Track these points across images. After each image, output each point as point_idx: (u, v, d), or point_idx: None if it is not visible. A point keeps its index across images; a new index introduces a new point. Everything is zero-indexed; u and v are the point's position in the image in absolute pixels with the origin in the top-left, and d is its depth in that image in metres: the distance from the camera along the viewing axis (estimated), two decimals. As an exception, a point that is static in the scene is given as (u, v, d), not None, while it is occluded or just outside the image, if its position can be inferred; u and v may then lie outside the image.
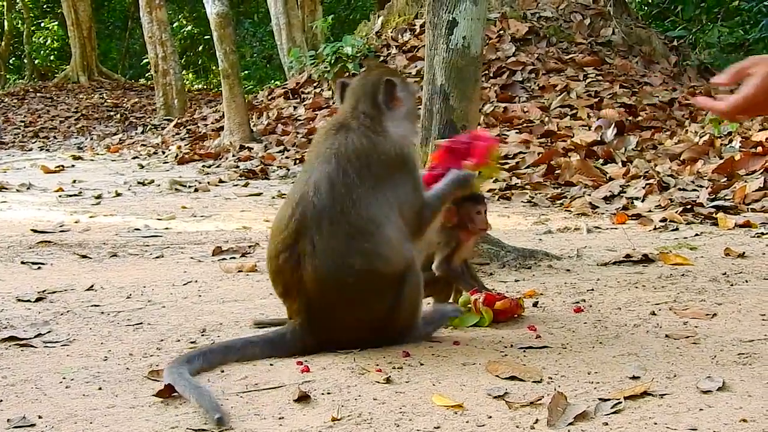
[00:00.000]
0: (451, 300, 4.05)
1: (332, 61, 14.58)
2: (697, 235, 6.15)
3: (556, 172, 8.90)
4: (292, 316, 3.49)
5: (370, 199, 3.44)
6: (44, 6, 38.12)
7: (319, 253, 3.34)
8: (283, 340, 3.44)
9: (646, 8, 20.30)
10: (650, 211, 7.12)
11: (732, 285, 4.50)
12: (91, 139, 20.24)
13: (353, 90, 3.69)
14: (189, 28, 36.27)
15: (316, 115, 14.12)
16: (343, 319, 3.43)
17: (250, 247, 5.94)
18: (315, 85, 15.25)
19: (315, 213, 3.37)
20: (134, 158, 14.50)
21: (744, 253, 5.32)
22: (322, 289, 3.36)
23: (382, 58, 14.83)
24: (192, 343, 3.67)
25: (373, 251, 3.41)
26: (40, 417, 2.78)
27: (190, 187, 10.10)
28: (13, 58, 38.83)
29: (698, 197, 7.29)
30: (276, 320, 3.85)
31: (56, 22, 36.66)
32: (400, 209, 3.50)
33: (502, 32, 14.24)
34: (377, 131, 3.56)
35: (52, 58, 37.78)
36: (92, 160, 14.51)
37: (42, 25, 37.52)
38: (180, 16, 36.48)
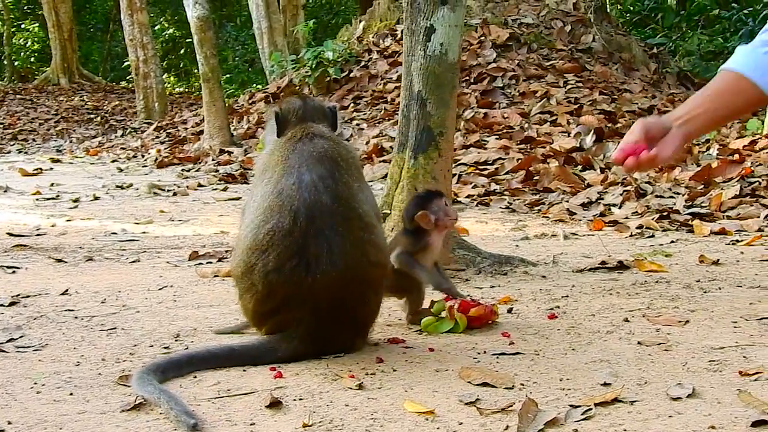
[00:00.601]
0: (425, 305, 4.05)
1: (313, 66, 14.57)
2: (672, 242, 6.17)
3: (535, 178, 8.92)
4: (283, 328, 3.44)
5: (361, 196, 3.54)
6: (25, 8, 37.97)
7: (338, 252, 3.34)
8: (264, 351, 3.43)
9: (626, 16, 20.39)
10: (627, 217, 7.14)
11: (705, 292, 4.52)
12: (71, 141, 20.17)
13: (305, 115, 3.78)
14: (171, 31, 36.23)
15: (297, 119, 14.07)
16: (356, 315, 3.48)
17: (227, 251, 5.92)
18: (296, 89, 15.23)
19: (325, 213, 3.38)
20: (113, 161, 14.45)
21: (718, 260, 5.34)
22: (342, 286, 3.35)
23: (363, 63, 14.85)
24: (165, 348, 3.65)
25: (378, 244, 3.52)
26: (9, 423, 2.77)
27: (168, 191, 10.07)
28: (-7, 60, 38.73)
29: (675, 204, 7.32)
30: (239, 327, 3.85)
31: (37, 24, 36.52)
32: (373, 209, 3.63)
33: (482, 38, 14.26)
34: (341, 141, 3.75)
35: (32, 60, 37.63)
36: (71, 163, 14.44)
37: (22, 26, 37.36)
38: (162, 19, 36.44)
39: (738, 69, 3.87)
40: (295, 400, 2.95)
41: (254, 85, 26.41)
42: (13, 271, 5.46)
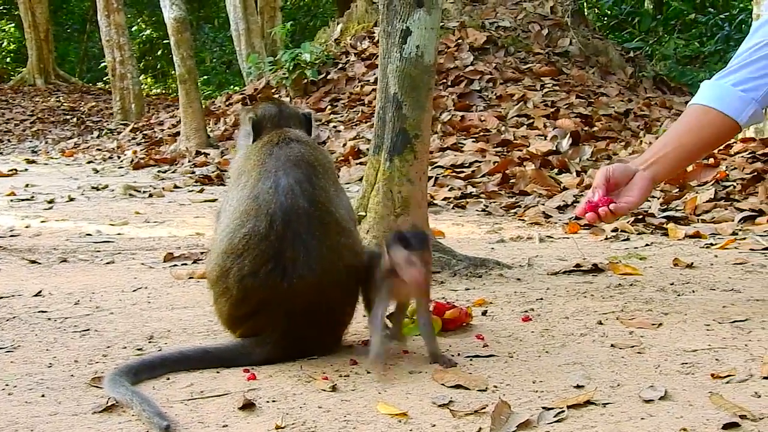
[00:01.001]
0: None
1: (291, 68, 14.56)
2: (647, 245, 6.19)
3: (511, 181, 8.93)
4: (257, 332, 3.42)
5: (337, 201, 3.54)
6: (1, 8, 37.80)
7: (315, 256, 3.32)
8: (238, 354, 3.42)
9: (603, 20, 20.47)
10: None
11: (679, 295, 4.54)
12: (46, 142, 20.09)
13: (284, 121, 3.79)
14: (148, 32, 36.15)
15: (274, 121, 14.06)
16: (331, 319, 3.47)
17: (202, 253, 5.91)
18: (273, 91, 15.21)
19: (302, 217, 3.37)
20: (89, 163, 14.41)
21: (692, 263, 5.36)
22: (319, 290, 3.33)
23: (340, 65, 14.85)
24: (139, 350, 3.64)
25: (353, 248, 3.50)
26: (-20, 424, 2.76)
27: (144, 192, 10.05)
28: (-31, 61, 38.54)
29: (650, 208, 7.34)
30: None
31: (13, 24, 36.39)
32: (348, 213, 3.64)
33: (460, 41, 14.29)
34: (317, 146, 3.75)
35: (8, 60, 37.48)
36: (46, 164, 14.40)
37: (-2, 27, 37.27)
38: (139, 20, 36.37)
39: (705, 102, 3.97)
40: (268, 401, 2.94)
41: (231, 86, 26.39)
42: (-13, 273, 5.44)
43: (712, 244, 6.10)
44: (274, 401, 2.94)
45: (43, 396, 3.05)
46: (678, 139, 3.97)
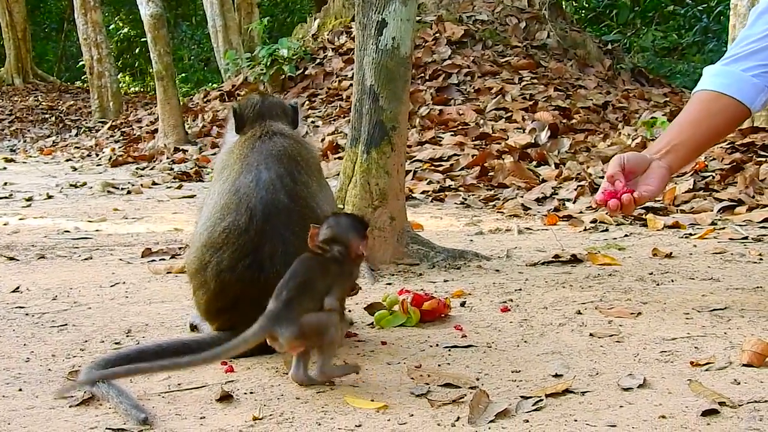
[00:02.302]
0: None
1: (268, 64, 14.53)
2: (626, 235, 6.20)
3: (490, 174, 8.93)
4: (235, 325, 3.30)
5: (320, 196, 3.54)
6: (-22, 8, 37.64)
7: (293, 252, 3.26)
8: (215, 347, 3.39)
9: (581, 12, 20.49)
10: (581, 212, 7.17)
11: (658, 284, 4.55)
12: (25, 141, 20.03)
13: (268, 114, 3.76)
14: (126, 30, 36.00)
15: (252, 117, 14.04)
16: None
17: (180, 248, 5.89)
18: (252, 87, 15.19)
19: (281, 211, 3.36)
20: (67, 161, 14.37)
21: (671, 253, 5.37)
22: None
23: (318, 61, 14.83)
24: (116, 344, 3.63)
25: None
26: (-44, 419, 2.75)
27: (122, 189, 10.02)
28: (-54, 60, 38.31)
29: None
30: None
31: (-10, 24, 36.22)
32: (332, 208, 3.64)
33: (437, 35, 14.28)
34: (302, 140, 3.73)
35: (-14, 60, 37.31)
36: (25, 162, 14.35)
37: (-24, 27, 37.04)
38: (116, 19, 36.22)
39: (715, 88, 3.87)
40: (245, 393, 2.93)
41: (210, 84, 26.31)
42: (-36, 270, 5.41)
43: (691, 234, 6.12)
44: (251, 393, 2.94)
45: (20, 390, 3.04)
46: (690, 127, 3.88)
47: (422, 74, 13.28)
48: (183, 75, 30.83)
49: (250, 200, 3.37)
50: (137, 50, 35.40)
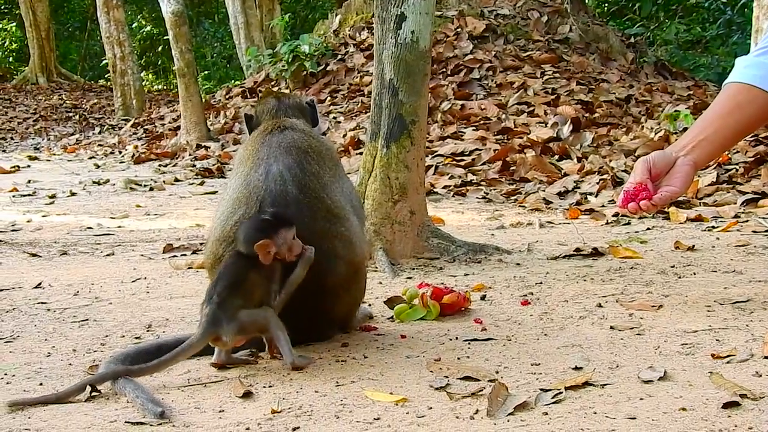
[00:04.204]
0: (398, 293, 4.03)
1: (290, 60, 14.52)
2: (648, 229, 6.17)
3: (512, 168, 8.91)
4: None
5: (333, 187, 3.52)
6: (2, 7, 37.79)
7: (303, 241, 3.28)
8: None
9: (603, 6, 20.40)
10: (603, 206, 7.14)
11: (680, 277, 4.52)
12: (49, 139, 20.08)
13: (281, 110, 3.78)
14: (148, 28, 36.08)
15: (274, 113, 14.04)
16: (324, 308, 3.43)
17: (201, 244, 5.90)
18: (273, 84, 15.18)
19: (290, 203, 3.36)
20: (90, 158, 14.42)
21: (694, 246, 5.35)
22: (305, 278, 3.28)
23: (339, 57, 14.82)
24: (137, 338, 3.65)
25: (348, 237, 3.45)
26: (-23, 413, 2.76)
27: (145, 186, 10.04)
28: (-29, 60, 38.52)
29: (651, 192, 7.30)
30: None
31: (14, 24, 36.34)
32: (350, 201, 3.60)
33: (459, 30, 14.24)
34: (313, 132, 3.73)
35: (10, 59, 37.42)
36: (48, 160, 14.40)
37: (0, 26, 37.19)
38: (139, 17, 36.31)
39: (746, 81, 3.76)
40: (264, 387, 2.94)
41: (232, 81, 26.34)
42: (-13, 266, 5.45)
43: (714, 227, 6.09)
44: (270, 386, 2.94)
45: (41, 384, 3.06)
46: (718, 121, 3.77)
47: (444, 69, 13.24)
48: (205, 72, 30.89)
49: (259, 193, 3.40)
50: (160, 48, 35.45)
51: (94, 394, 2.90)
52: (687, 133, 3.87)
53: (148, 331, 3.77)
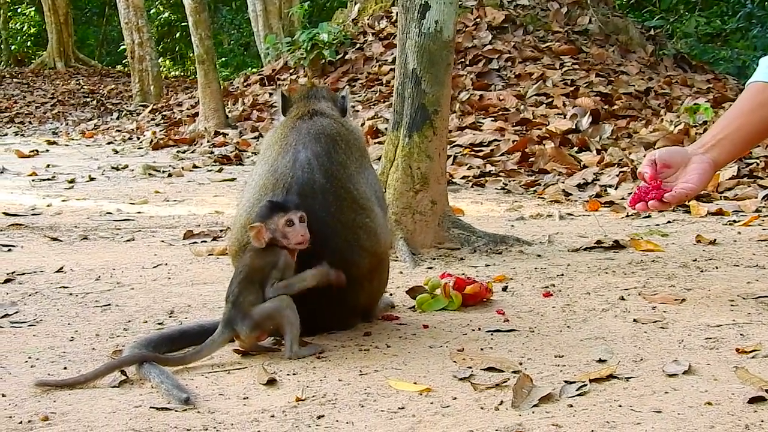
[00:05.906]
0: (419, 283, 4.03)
1: (308, 48, 14.51)
2: (669, 222, 6.16)
3: (531, 159, 8.89)
4: None
5: (359, 177, 3.51)
6: (21, -8, 37.90)
7: (329, 232, 3.30)
8: None
9: (623, -2, 20.32)
10: (623, 198, 7.11)
11: (702, 271, 4.51)
12: (67, 124, 20.12)
13: (313, 96, 3.77)
14: (166, 14, 36.06)
15: (292, 101, 14.05)
16: (347, 298, 3.41)
17: (221, 231, 5.92)
18: (291, 71, 15.17)
19: (317, 191, 3.36)
20: (109, 144, 14.44)
21: (715, 240, 5.33)
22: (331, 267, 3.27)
23: (358, 45, 14.79)
24: (159, 324, 3.66)
25: (372, 228, 3.45)
26: (3, 395, 2.77)
27: (163, 172, 10.05)
28: (-11, 44, 38.59)
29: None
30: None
31: (33, 8, 36.40)
32: (374, 192, 3.60)
33: (478, 20, 14.21)
34: (344, 121, 3.72)
35: (28, 44, 37.48)
36: (67, 145, 14.42)
37: (19, 11, 37.22)
38: (158, 3, 36.31)
39: (767, 79, 3.71)
40: (288, 374, 2.94)
41: (250, 68, 26.33)
42: (9, 250, 5.46)
43: (735, 221, 6.06)
44: (294, 374, 2.95)
45: (65, 368, 3.07)
46: (739, 119, 3.70)
47: (462, 59, 13.21)
48: (223, 59, 30.84)
49: (286, 180, 3.38)
50: (178, 34, 35.46)
51: (122, 378, 2.91)
52: (708, 132, 3.82)
53: (170, 316, 3.78)
